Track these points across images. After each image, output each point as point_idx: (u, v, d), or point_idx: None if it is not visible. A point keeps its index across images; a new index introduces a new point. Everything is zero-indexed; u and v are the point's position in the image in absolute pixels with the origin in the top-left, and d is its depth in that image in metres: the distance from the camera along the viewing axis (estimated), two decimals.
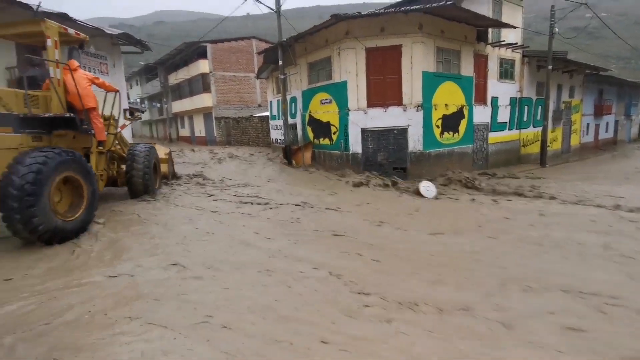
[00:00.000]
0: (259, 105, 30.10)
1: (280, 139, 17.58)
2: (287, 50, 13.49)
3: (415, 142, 11.30)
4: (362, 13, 10.61)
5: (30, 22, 6.22)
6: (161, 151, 9.38)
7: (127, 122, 7.90)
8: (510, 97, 15.02)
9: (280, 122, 17.13)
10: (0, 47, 11.46)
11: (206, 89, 28.09)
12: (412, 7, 10.44)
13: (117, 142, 7.23)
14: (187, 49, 29.02)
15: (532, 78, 16.06)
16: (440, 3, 9.84)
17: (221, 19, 15.94)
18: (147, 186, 7.31)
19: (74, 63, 5.99)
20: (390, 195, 9.14)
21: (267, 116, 21.41)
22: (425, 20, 10.83)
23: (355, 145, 11.68)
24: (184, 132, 34.46)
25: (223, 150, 20.17)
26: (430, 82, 11.29)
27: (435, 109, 11.52)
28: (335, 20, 10.62)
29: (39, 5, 11.16)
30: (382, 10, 10.90)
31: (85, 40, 6.56)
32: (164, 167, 9.21)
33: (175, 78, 32.46)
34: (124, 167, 7.37)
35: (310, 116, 13.81)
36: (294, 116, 15.15)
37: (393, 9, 11.06)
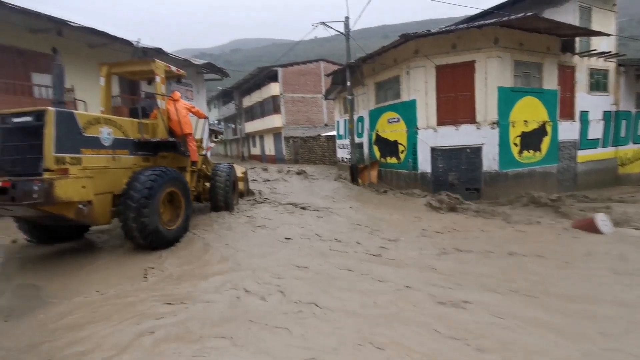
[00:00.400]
0: (326, 125, 30.83)
1: (346, 158, 17.74)
2: (355, 71, 13.74)
3: (490, 161, 10.61)
4: (433, 31, 10.45)
5: (142, 62, 7.49)
6: (238, 170, 10.08)
7: (212, 145, 8.73)
8: (604, 111, 13.44)
9: (346, 141, 17.34)
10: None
11: (276, 110, 29.61)
12: (487, 22, 10.01)
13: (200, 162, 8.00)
14: (260, 73, 31.05)
15: (630, 89, 14.23)
16: (519, 15, 9.31)
17: (291, 44, 16.84)
18: (228, 202, 8.05)
19: (177, 94, 7.08)
20: (515, 231, 7.07)
21: (334, 135, 21.83)
22: (501, 33, 10.30)
23: (425, 164, 11.33)
24: (255, 150, 36.49)
25: (292, 168, 20.94)
26: (507, 98, 10.61)
27: (513, 126, 10.75)
28: (404, 40, 10.59)
29: (138, 41, 12.82)
30: (453, 27, 10.63)
31: (183, 75, 7.57)
32: (240, 185, 9.89)
33: (249, 101, 34.78)
34: (207, 184, 8.13)
35: (377, 135, 13.78)
36: (360, 135, 15.24)
37: (465, 25, 10.73)
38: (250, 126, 35.36)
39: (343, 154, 18.55)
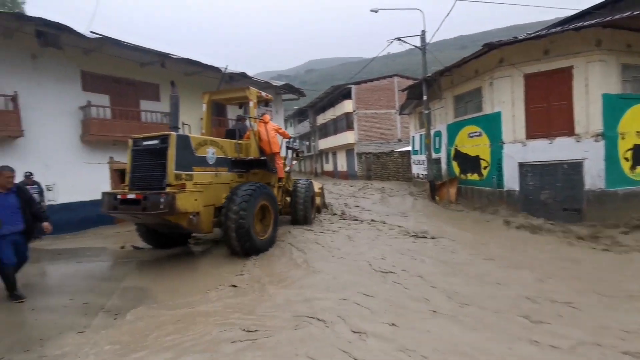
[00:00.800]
0: (399, 140, 30.25)
1: (422, 174, 17.11)
2: (431, 85, 13.33)
3: (593, 178, 9.31)
4: (520, 37, 9.70)
5: (238, 89, 8.46)
6: (315, 186, 10.58)
7: (294, 162, 9.79)
8: None
9: (422, 157, 16.75)
10: (197, 104, 14.77)
11: (349, 126, 29.94)
12: (586, 23, 8.98)
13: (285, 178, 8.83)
14: (334, 91, 31.82)
15: None
16: (626, 13, 8.18)
17: (364, 61, 17.02)
18: (307, 216, 8.72)
19: (267, 117, 7.91)
20: None
21: (408, 151, 21.27)
22: (604, 34, 9.14)
23: (511, 181, 10.38)
24: (328, 167, 37.15)
25: (365, 184, 20.91)
26: (614, 106, 9.29)
27: (623, 138, 9.34)
28: (487, 49, 9.99)
29: (225, 68, 14.04)
30: (545, 31, 9.74)
31: (270, 99, 8.46)
32: (317, 200, 10.35)
33: (322, 118, 35.75)
34: (288, 198, 8.72)
35: (456, 150, 13.07)
36: (437, 151, 14.61)
37: (560, 28, 9.75)
38: (324, 143, 36.20)
39: (418, 169, 17.93)
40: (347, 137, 30.05)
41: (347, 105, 29.81)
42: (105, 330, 3.70)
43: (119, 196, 5.97)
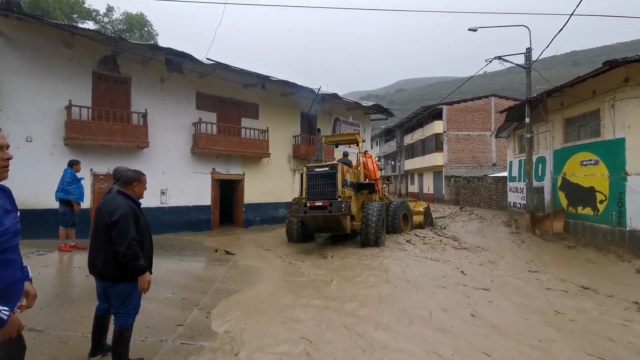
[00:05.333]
0: (494, 165, 28.01)
1: (520, 203, 15.48)
2: (536, 107, 12.12)
3: None
4: None
5: (350, 134, 11.94)
6: (420, 206, 13.16)
7: (384, 185, 12.79)
8: None
9: (521, 185, 15.21)
10: (290, 122, 15.67)
11: (439, 148, 28.72)
12: None
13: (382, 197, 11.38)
14: (423, 111, 30.98)
15: None
16: None
17: (457, 81, 16.30)
18: (395, 227, 10.50)
19: (369, 153, 11.28)
20: None
21: (504, 177, 19.48)
22: None
23: (637, 219, 8.77)
24: (413, 188, 35.96)
25: (457, 210, 19.70)
26: None
27: None
28: (609, 67, 8.76)
29: (319, 89, 14.73)
30: None
31: (363, 141, 11.16)
32: (419, 218, 12.44)
33: (410, 139, 34.96)
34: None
35: (564, 179, 11.58)
36: (540, 179, 13.11)
37: None
38: (410, 164, 35.25)
39: (515, 198, 16.26)
40: (436, 159, 28.82)
41: (437, 126, 28.71)
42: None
43: (308, 204, 8.67)
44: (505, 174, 18.84)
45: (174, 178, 11.80)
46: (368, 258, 7.81)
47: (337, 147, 13.50)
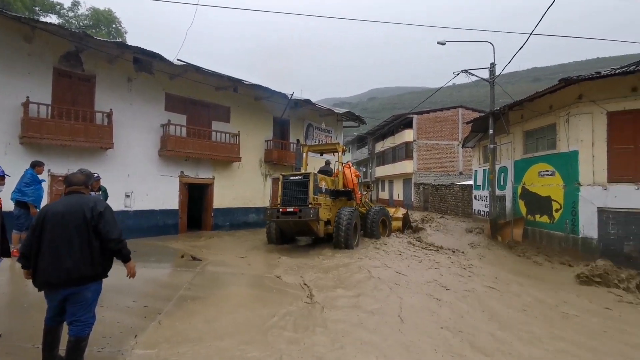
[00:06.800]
0: (461, 173, 29.04)
1: (483, 211, 16.14)
2: (499, 119, 12.73)
3: None
4: (604, 72, 8.98)
5: (331, 144, 13.87)
6: (399, 212, 14.04)
7: (365, 192, 13.43)
8: None
9: (484, 193, 15.87)
10: (262, 126, 15.57)
11: (408, 156, 29.45)
12: None
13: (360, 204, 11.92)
14: (394, 120, 31.71)
15: None
16: None
17: (427, 91, 16.83)
18: (373, 232, 11.12)
19: (349, 164, 12.18)
20: None
21: (469, 185, 20.26)
22: None
23: (589, 228, 9.37)
24: (383, 194, 36.60)
25: (427, 215, 20.28)
26: None
27: None
28: (565, 84, 9.36)
29: (292, 94, 14.74)
30: (634, 67, 8.91)
31: (345, 150, 12.56)
32: (398, 223, 13.38)
33: (381, 146, 35.64)
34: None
35: (523, 188, 12.19)
36: (502, 187, 13.74)
37: None
38: (381, 171, 35.89)
39: (480, 206, 16.94)
40: (405, 167, 29.53)
41: (408, 135, 29.46)
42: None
43: (280, 209, 9.35)
44: (471, 182, 19.60)
45: (140, 181, 11.39)
46: (329, 259, 8.53)
47: (322, 155, 14.01)
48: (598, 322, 5.19)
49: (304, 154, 12.27)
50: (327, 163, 12.49)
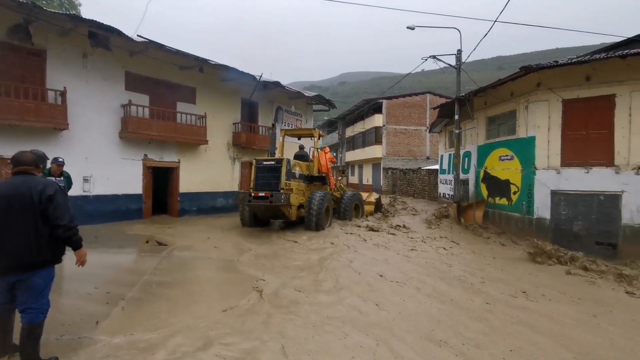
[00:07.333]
0: (428, 158, 29.82)
1: (448, 194, 16.74)
2: (464, 105, 13.11)
3: (632, 213, 8.80)
4: (561, 61, 9.42)
5: (307, 129, 13.69)
6: (372, 196, 14.72)
7: (340, 178, 13.78)
8: None
9: (450, 177, 16.42)
10: (230, 109, 15.18)
11: (378, 141, 29.82)
12: (633, 50, 8.61)
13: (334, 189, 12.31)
14: (364, 105, 31.87)
15: None
16: None
17: (397, 77, 16.99)
18: (346, 215, 11.47)
19: (327, 149, 12.41)
20: None
21: (436, 170, 20.90)
22: None
23: (543, 209, 9.98)
24: (353, 179, 37.02)
25: (395, 198, 20.77)
26: None
27: None
28: (525, 72, 9.75)
29: (260, 76, 14.41)
30: (588, 57, 9.40)
31: (322, 135, 12.88)
32: (370, 207, 13.93)
33: (351, 131, 35.82)
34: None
35: (485, 172, 12.72)
36: (466, 172, 14.27)
37: (604, 54, 9.40)
38: (351, 155, 36.18)
39: (445, 189, 17.55)
40: (375, 151, 29.93)
41: (377, 120, 29.76)
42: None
43: (252, 194, 9.48)
44: (437, 166, 20.22)
45: (100, 164, 10.84)
46: (299, 240, 8.95)
47: (299, 139, 14.52)
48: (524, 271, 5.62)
49: (281, 139, 12.38)
50: (301, 148, 12.61)
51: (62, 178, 6.54)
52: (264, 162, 10.07)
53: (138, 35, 10.76)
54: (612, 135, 9.12)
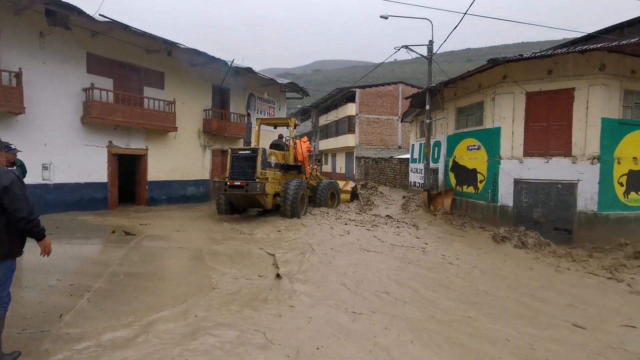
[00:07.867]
0: (399, 147, 30.36)
1: (419, 183, 17.18)
2: (435, 95, 13.40)
3: (586, 200, 9.41)
4: (525, 55, 9.78)
5: (283, 118, 14.24)
6: (348, 185, 14.88)
7: (316, 167, 14.18)
8: None
9: (420, 166, 16.83)
10: (200, 95, 14.77)
11: (351, 130, 29.99)
12: (592, 46, 9.08)
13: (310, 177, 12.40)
14: (338, 93, 31.86)
15: None
16: (634, 39, 8.27)
17: (370, 66, 17.09)
18: (321, 202, 11.81)
19: (305, 139, 12.68)
20: None
21: (407, 159, 21.34)
22: (609, 59, 9.24)
23: (506, 197, 10.46)
24: (326, 168, 37.17)
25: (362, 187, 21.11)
26: (613, 131, 9.40)
27: (619, 163, 9.45)
28: (492, 65, 10.07)
29: (232, 61, 14.05)
30: (550, 51, 9.82)
31: (297, 124, 12.53)
32: (346, 196, 14.10)
33: (325, 119, 35.79)
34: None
35: (454, 162, 13.14)
36: (436, 161, 14.68)
37: (565, 49, 9.85)
38: (324, 144, 36.23)
39: (415, 178, 18.00)
40: (348, 140, 30.12)
41: (350, 108, 29.88)
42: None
43: (228, 183, 9.58)
44: (408, 156, 20.65)
45: (60, 151, 10.29)
46: (272, 227, 9.12)
47: (275, 128, 14.66)
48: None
49: (257, 127, 12.35)
50: (280, 137, 12.62)
51: (14, 167, 6.15)
52: (240, 152, 10.15)
53: (100, 15, 10.17)
54: (570, 127, 9.63)
